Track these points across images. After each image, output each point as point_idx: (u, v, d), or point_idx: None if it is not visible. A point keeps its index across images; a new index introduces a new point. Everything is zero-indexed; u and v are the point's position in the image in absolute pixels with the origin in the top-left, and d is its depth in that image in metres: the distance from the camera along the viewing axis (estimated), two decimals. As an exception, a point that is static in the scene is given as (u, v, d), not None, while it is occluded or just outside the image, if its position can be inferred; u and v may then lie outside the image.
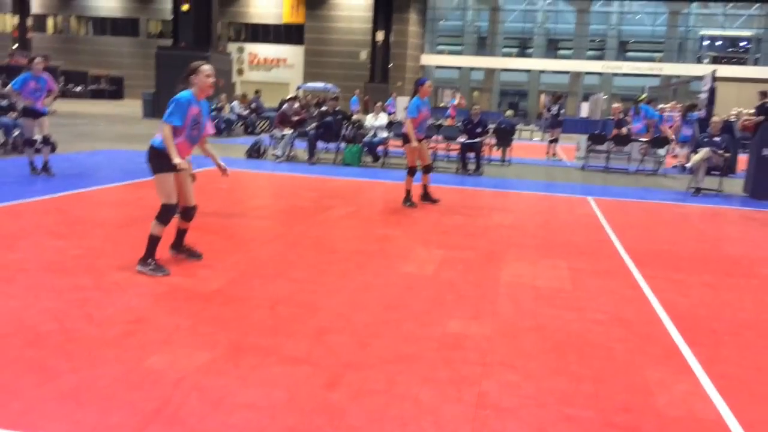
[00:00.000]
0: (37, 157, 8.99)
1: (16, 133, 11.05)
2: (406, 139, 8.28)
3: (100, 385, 3.00)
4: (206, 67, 4.83)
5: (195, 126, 4.86)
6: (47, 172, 8.92)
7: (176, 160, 4.63)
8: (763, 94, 15.01)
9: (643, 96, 18.85)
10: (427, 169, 8.59)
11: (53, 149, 9.17)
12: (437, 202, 8.63)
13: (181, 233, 5.22)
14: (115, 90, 45.88)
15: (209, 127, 5.07)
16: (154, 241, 4.81)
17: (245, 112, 20.51)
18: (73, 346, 3.42)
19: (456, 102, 25.14)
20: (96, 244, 5.53)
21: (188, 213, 5.10)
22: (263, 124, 20.77)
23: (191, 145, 4.95)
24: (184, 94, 4.76)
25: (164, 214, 4.79)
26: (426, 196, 8.64)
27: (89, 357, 3.29)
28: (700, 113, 16.45)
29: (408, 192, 8.37)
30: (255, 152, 13.40)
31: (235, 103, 20.70)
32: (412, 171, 8.36)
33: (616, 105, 17.11)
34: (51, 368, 3.15)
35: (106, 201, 7.71)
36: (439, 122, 17.46)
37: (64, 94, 36.15)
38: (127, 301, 4.15)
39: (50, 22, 52.89)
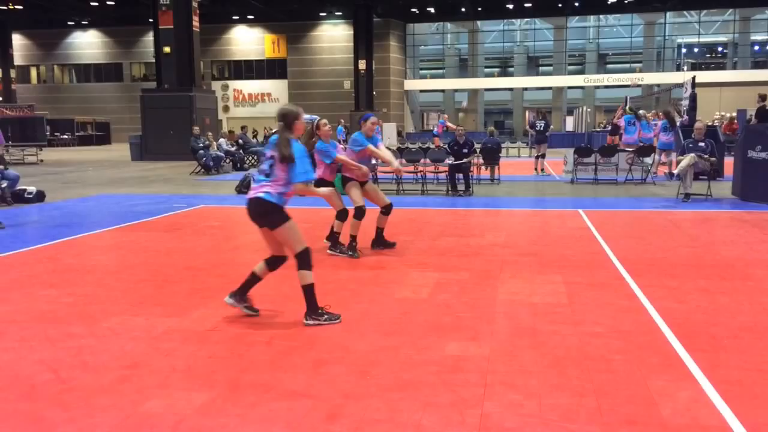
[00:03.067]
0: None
1: (4, 184, 11.01)
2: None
3: (98, 433, 2.96)
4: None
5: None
6: None
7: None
8: (762, 97, 15.17)
9: (636, 108, 19.21)
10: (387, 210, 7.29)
11: (41, 199, 9.14)
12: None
13: (252, 281, 4.75)
14: (102, 135, 45.95)
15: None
16: (310, 290, 4.57)
17: (233, 149, 20.56)
18: (69, 395, 3.37)
19: (446, 123, 25.21)
20: (88, 291, 5.49)
21: (276, 262, 4.78)
22: (251, 159, 20.82)
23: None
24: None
25: (305, 260, 4.52)
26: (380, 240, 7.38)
27: (86, 406, 3.25)
28: (683, 120, 16.63)
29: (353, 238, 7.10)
30: (245, 187, 13.40)
31: (222, 140, 20.76)
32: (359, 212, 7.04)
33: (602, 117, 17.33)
34: (47, 420, 3.10)
35: (98, 247, 7.68)
36: (426, 145, 17.56)
37: (51, 143, 36.15)
38: (122, 346, 4.10)
39: (34, 73, 53.18)
